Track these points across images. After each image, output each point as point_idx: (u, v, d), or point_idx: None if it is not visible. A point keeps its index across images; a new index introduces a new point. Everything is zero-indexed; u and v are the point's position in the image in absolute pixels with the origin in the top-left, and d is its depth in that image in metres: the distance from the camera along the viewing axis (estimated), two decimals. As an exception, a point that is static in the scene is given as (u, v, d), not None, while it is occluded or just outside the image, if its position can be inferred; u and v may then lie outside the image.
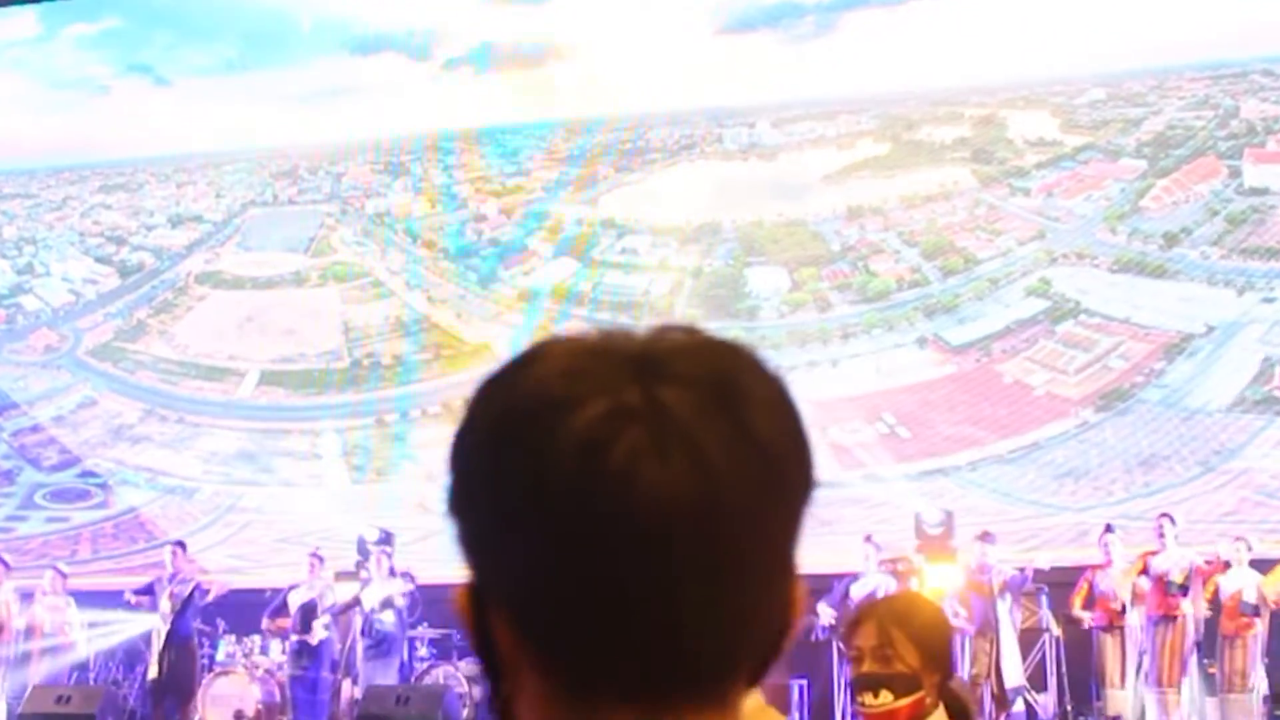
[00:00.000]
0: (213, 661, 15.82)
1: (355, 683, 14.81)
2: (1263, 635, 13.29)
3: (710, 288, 17.78)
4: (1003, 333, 16.82)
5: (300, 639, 14.98)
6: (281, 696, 15.06)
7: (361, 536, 15.98)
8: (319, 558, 15.36)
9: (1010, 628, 13.64)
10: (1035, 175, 17.21)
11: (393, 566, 15.29)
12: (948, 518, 14.84)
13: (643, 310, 17.81)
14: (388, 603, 14.91)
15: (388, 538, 16.02)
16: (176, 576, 15.24)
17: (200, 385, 19.18)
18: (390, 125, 18.90)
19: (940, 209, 17.37)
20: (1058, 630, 14.31)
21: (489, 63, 18.70)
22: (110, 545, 18.66)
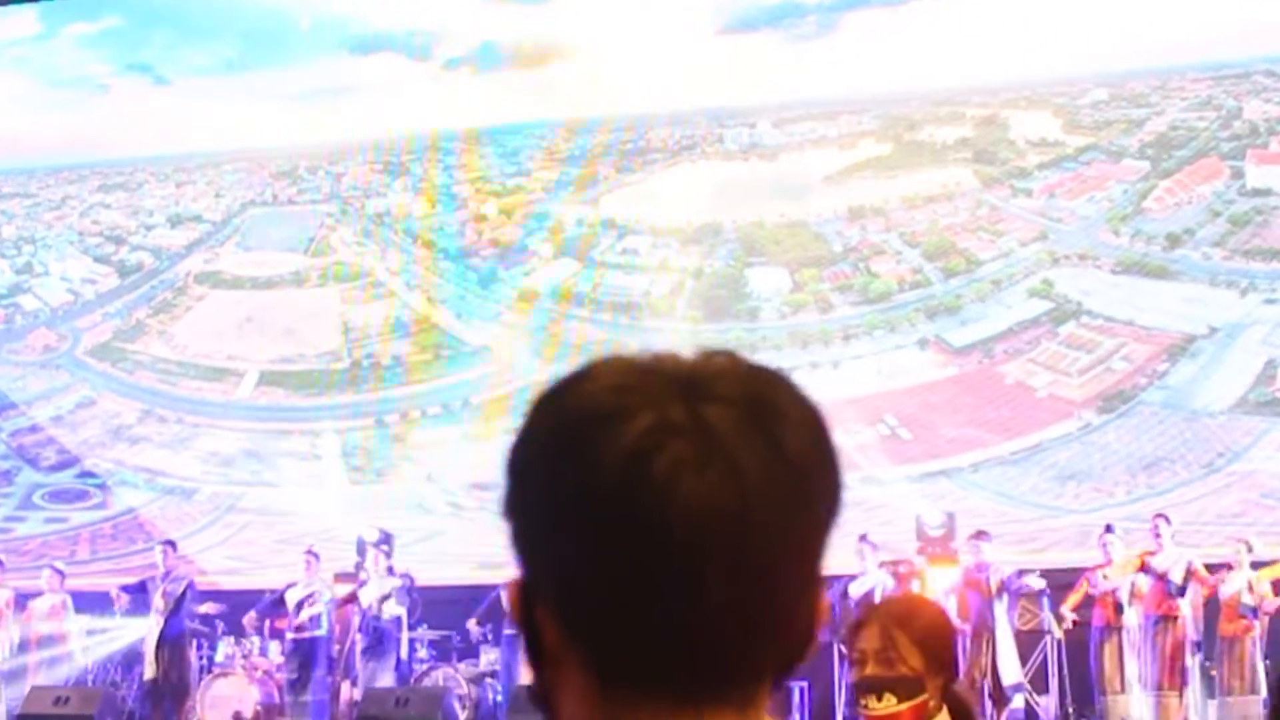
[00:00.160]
0: (211, 663, 15.81)
1: (355, 684, 14.78)
2: (1262, 637, 13.27)
3: (711, 288, 17.74)
4: (1005, 334, 16.79)
5: (295, 639, 14.98)
6: (280, 698, 15.04)
7: (361, 537, 15.96)
8: (315, 555, 15.36)
9: (1007, 626, 13.63)
10: (1037, 176, 17.17)
11: (391, 566, 15.27)
12: (949, 519, 14.82)
13: (643, 311, 17.79)
14: (385, 601, 14.88)
15: (387, 538, 16.00)
16: (169, 575, 15.24)
17: (199, 385, 19.15)
18: (390, 125, 18.85)
19: (942, 210, 17.33)
20: (1060, 632, 14.28)
21: (489, 62, 18.66)
22: (109, 546, 18.62)
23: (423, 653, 15.67)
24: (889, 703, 3.41)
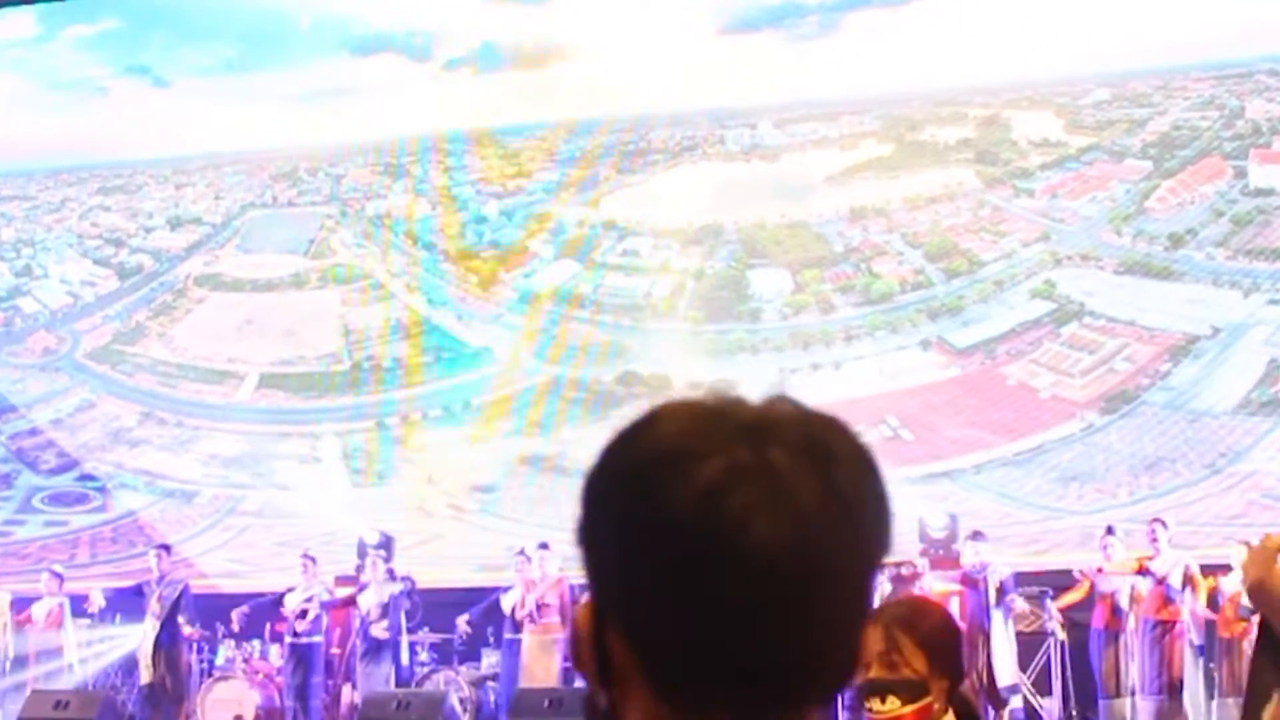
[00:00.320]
0: (212, 666, 15.79)
1: (355, 688, 14.75)
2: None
3: (712, 290, 17.70)
4: (1007, 335, 16.75)
5: (293, 643, 14.95)
6: (281, 701, 15.02)
7: (361, 539, 15.95)
8: (311, 559, 15.33)
9: (1003, 626, 13.61)
10: (1039, 176, 17.14)
11: (391, 570, 15.25)
12: (952, 521, 14.80)
13: (645, 312, 17.76)
14: (383, 606, 14.85)
15: (388, 541, 15.99)
16: (164, 579, 15.23)
17: (199, 388, 19.12)
18: (390, 126, 18.81)
19: (944, 210, 17.29)
20: (1063, 634, 14.26)
21: (490, 63, 18.62)
22: (109, 549, 18.59)
23: (423, 656, 15.65)
24: (893, 705, 3.39)
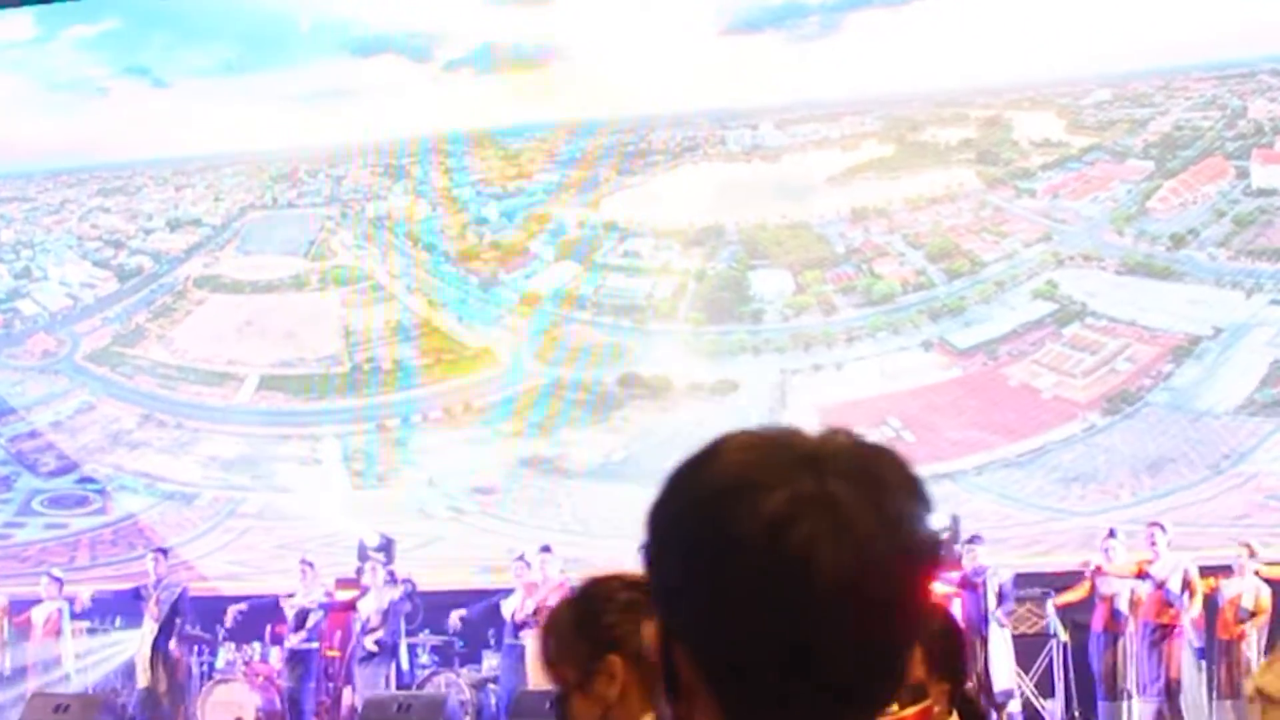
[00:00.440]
0: (212, 669, 15.76)
1: (355, 691, 14.73)
2: (1260, 640, 13.21)
3: (714, 291, 17.67)
4: (1009, 336, 16.72)
5: (292, 648, 14.94)
6: (281, 704, 15.00)
7: (362, 542, 15.92)
8: (309, 565, 15.30)
9: (999, 629, 13.59)
10: (1041, 177, 17.10)
11: (393, 573, 15.23)
12: (954, 522, 14.76)
13: (646, 314, 17.73)
14: (383, 610, 14.83)
15: (388, 544, 15.96)
16: (161, 583, 15.21)
17: (199, 390, 19.08)
18: (390, 127, 18.77)
19: (945, 211, 17.26)
20: (1065, 636, 14.25)
21: (490, 64, 18.59)
22: (109, 552, 18.56)
23: (424, 658, 15.62)
24: (891, 709, 3.34)
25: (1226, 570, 13.55)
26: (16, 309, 20.08)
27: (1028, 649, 14.13)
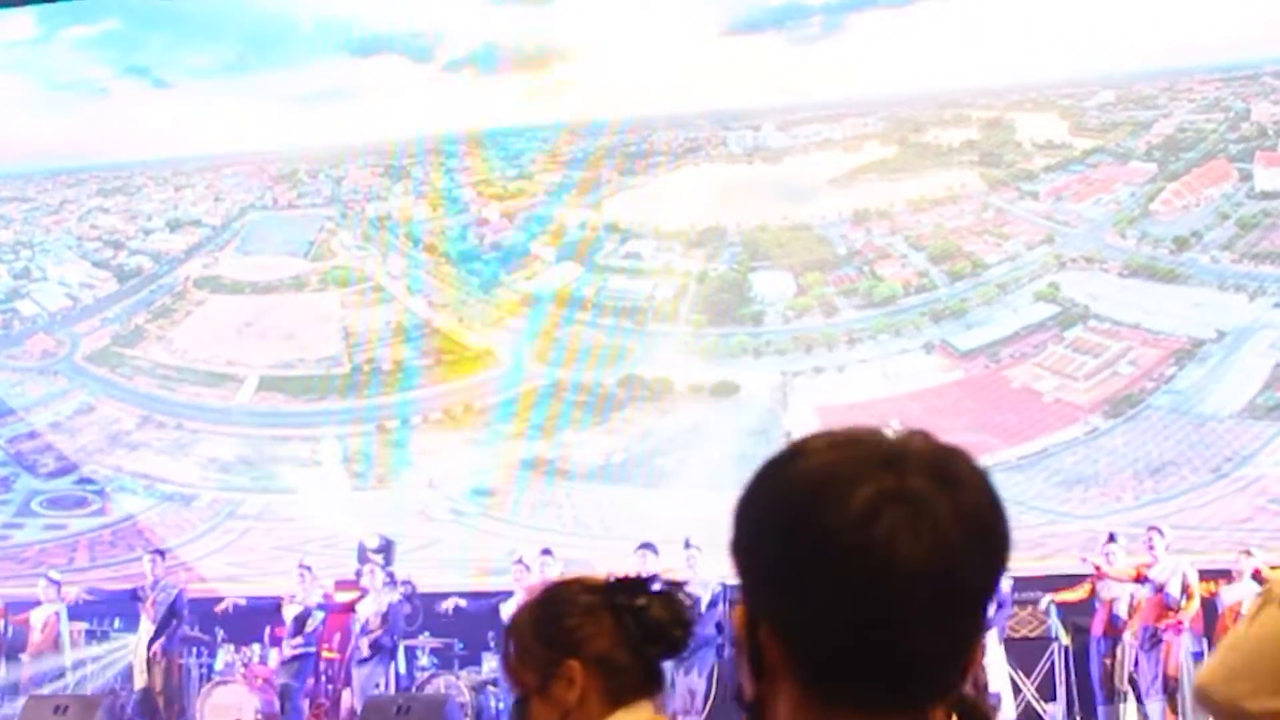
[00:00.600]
0: (211, 671, 15.72)
1: (354, 693, 14.69)
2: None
3: (715, 292, 17.63)
4: (1011, 338, 16.69)
5: (291, 653, 14.90)
6: (280, 706, 14.96)
7: (362, 543, 15.90)
8: (308, 568, 15.27)
9: (995, 634, 13.56)
10: (1044, 178, 17.07)
11: (392, 574, 15.20)
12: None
13: (647, 315, 17.69)
14: (381, 613, 14.79)
15: (388, 545, 15.94)
16: (158, 584, 15.17)
17: (199, 391, 19.04)
18: (391, 128, 18.74)
19: (948, 212, 17.22)
20: (1067, 639, 14.22)
21: (491, 64, 18.56)
22: (108, 553, 18.51)
23: (424, 660, 15.58)
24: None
25: (1226, 575, 13.52)
26: (15, 309, 20.04)
27: (1029, 653, 14.10)
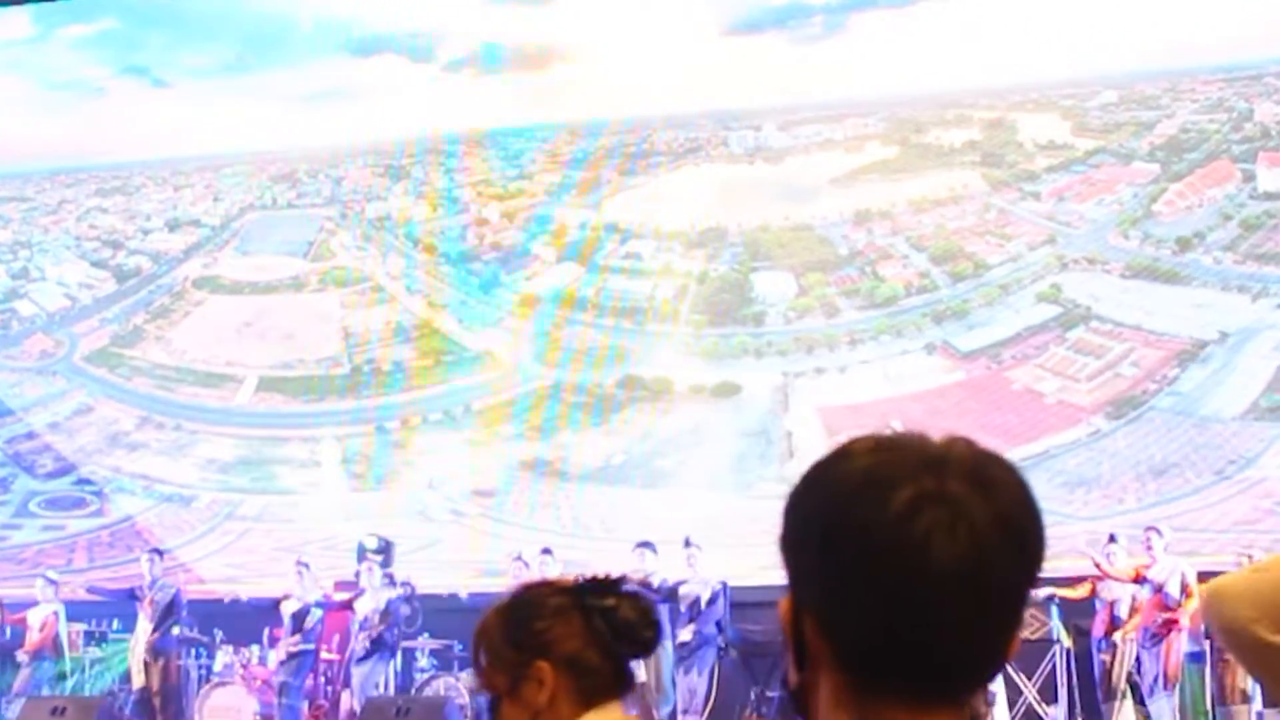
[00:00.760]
0: (210, 672, 15.68)
1: (354, 694, 14.66)
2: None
3: (716, 293, 17.59)
4: (1013, 339, 16.65)
5: (290, 650, 14.86)
6: (279, 707, 14.93)
7: (361, 544, 15.87)
8: (305, 565, 15.24)
9: None
10: (1046, 179, 17.04)
11: (391, 575, 15.17)
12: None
13: (647, 316, 17.65)
14: (380, 611, 14.76)
15: (387, 546, 15.91)
16: (156, 584, 15.14)
17: (198, 391, 19.02)
18: (391, 128, 18.73)
19: (949, 213, 17.19)
20: (1068, 641, 14.18)
21: (491, 64, 18.54)
22: (106, 554, 18.48)
23: (424, 662, 15.54)
24: None
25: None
26: (14, 309, 20.02)
27: (1030, 655, 14.04)
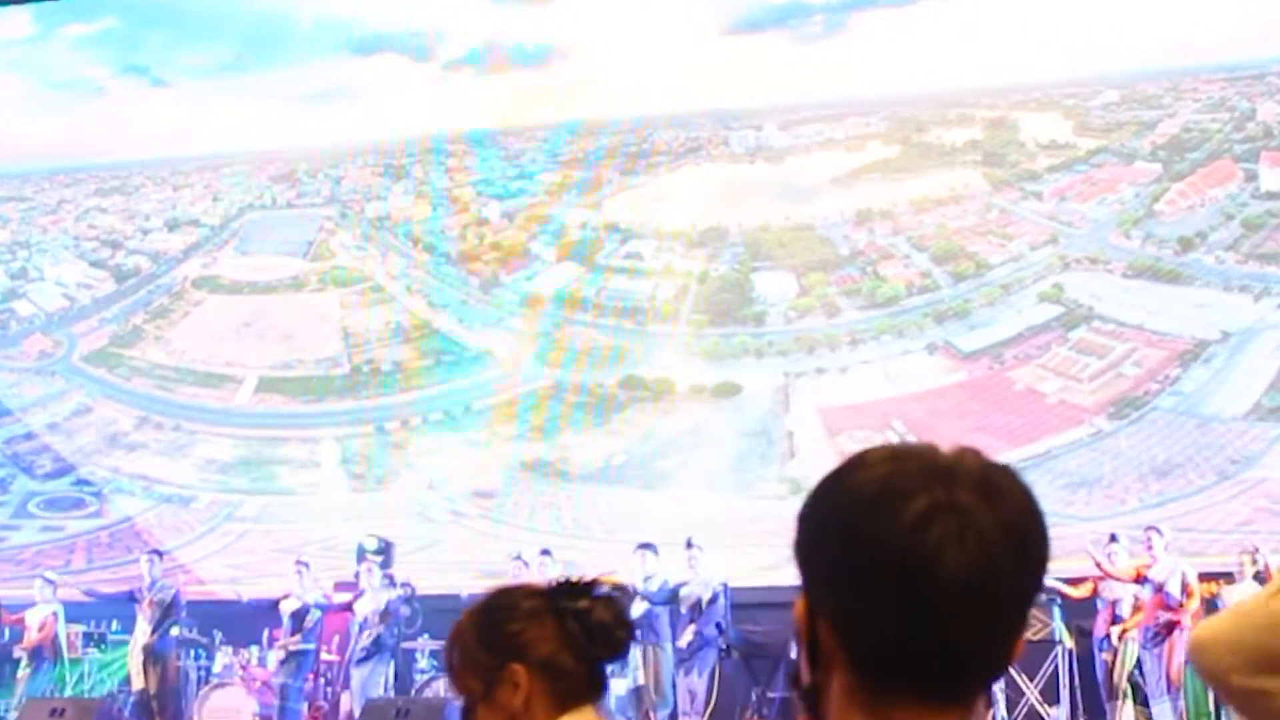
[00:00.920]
0: (209, 673, 15.66)
1: (353, 695, 14.64)
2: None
3: (716, 293, 17.56)
4: (1014, 339, 16.62)
5: (289, 650, 14.84)
6: (279, 708, 14.90)
7: (361, 545, 15.85)
8: (305, 565, 15.22)
9: None
10: (1048, 178, 17.01)
11: (391, 576, 15.14)
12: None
13: (648, 316, 17.63)
14: (379, 611, 14.73)
15: (387, 547, 15.89)
16: (155, 585, 15.12)
17: (197, 392, 19.00)
18: (390, 127, 18.72)
19: (951, 213, 17.16)
20: (1070, 642, 14.16)
21: (490, 64, 18.52)
22: (105, 554, 18.46)
23: (423, 663, 15.50)
24: None
25: (1229, 577, 13.46)
26: (13, 310, 20.01)
27: (1032, 656, 14.01)
